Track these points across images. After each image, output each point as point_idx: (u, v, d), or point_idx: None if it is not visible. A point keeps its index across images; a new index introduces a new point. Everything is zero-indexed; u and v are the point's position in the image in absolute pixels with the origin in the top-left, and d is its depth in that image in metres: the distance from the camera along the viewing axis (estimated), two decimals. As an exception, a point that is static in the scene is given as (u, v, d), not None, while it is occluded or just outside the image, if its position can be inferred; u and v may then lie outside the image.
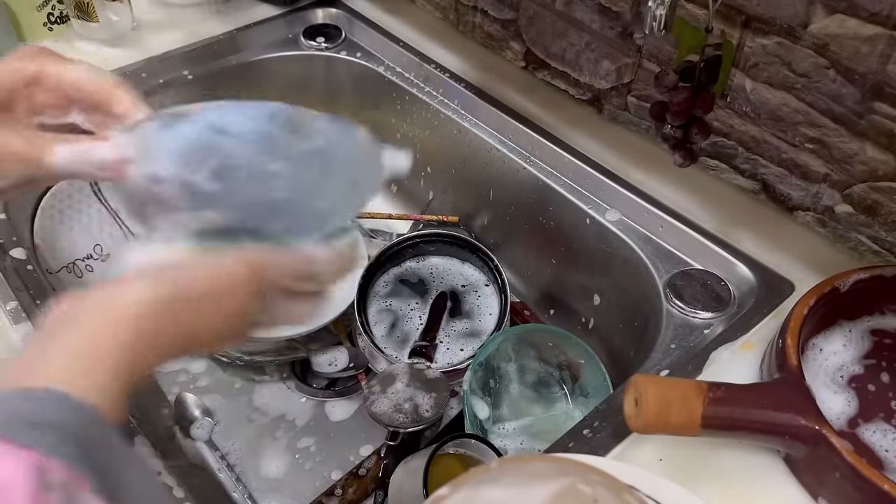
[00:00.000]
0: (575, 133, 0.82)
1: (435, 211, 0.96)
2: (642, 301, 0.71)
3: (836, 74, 0.60)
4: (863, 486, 0.46)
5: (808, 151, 0.66)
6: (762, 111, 0.67)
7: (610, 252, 0.75)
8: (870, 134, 0.60)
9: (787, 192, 0.70)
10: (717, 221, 0.71)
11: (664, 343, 0.63)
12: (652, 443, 0.54)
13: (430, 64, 0.91)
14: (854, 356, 0.58)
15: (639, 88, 0.78)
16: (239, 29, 0.96)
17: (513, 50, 0.90)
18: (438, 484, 0.59)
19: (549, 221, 0.82)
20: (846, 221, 0.66)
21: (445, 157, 0.93)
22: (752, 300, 0.65)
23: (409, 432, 0.70)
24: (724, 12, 0.64)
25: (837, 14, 0.57)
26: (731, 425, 0.49)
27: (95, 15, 0.91)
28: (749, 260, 0.67)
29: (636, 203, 0.74)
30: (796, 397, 0.50)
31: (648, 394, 0.48)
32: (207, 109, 0.40)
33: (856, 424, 0.55)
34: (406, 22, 0.99)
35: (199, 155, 0.39)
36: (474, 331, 0.82)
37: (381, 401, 0.71)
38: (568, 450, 0.54)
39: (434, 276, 0.87)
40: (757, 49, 0.64)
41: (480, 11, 0.92)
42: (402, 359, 0.78)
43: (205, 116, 0.40)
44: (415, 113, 0.94)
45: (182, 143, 0.39)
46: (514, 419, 0.74)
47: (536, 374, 0.77)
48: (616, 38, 0.76)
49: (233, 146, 0.39)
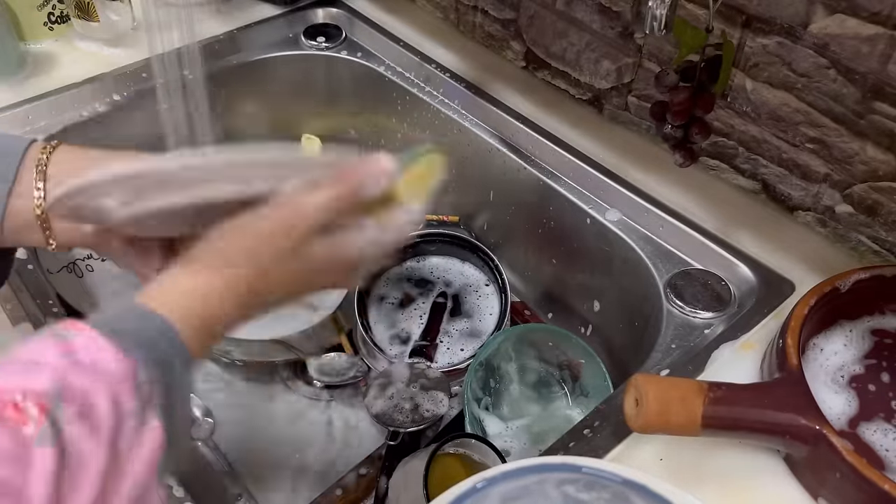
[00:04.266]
0: (575, 133, 0.81)
1: (435, 211, 0.96)
2: (643, 301, 0.71)
3: (836, 74, 0.60)
4: (863, 485, 0.46)
5: (808, 151, 0.66)
6: (762, 111, 0.67)
7: (610, 252, 0.75)
8: (870, 134, 0.60)
9: (787, 192, 0.70)
10: (718, 221, 0.71)
11: (664, 343, 0.63)
12: (652, 443, 0.54)
13: (431, 64, 0.91)
14: (854, 356, 0.58)
15: (639, 88, 0.78)
16: (239, 29, 0.96)
17: (513, 50, 0.90)
18: (438, 484, 0.59)
19: (549, 221, 0.82)
20: (846, 221, 0.66)
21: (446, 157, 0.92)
22: (753, 300, 0.65)
23: (409, 432, 0.70)
24: (725, 12, 0.64)
25: (838, 14, 0.57)
26: (731, 425, 0.49)
27: (96, 15, 0.91)
28: (749, 260, 0.67)
29: (636, 203, 0.74)
30: (797, 397, 0.50)
31: (649, 393, 0.48)
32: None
33: (856, 424, 0.55)
34: (406, 22, 0.99)
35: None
36: (474, 331, 0.82)
37: (382, 401, 0.71)
38: (568, 450, 0.54)
39: (434, 276, 0.87)
40: (757, 49, 0.64)
41: (481, 11, 0.92)
42: (403, 359, 0.78)
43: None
44: (415, 113, 0.94)
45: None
46: (515, 419, 0.74)
47: (537, 373, 0.77)
48: (616, 37, 0.76)
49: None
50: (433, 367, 0.75)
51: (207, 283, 0.42)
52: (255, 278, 0.43)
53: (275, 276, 0.43)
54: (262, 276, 0.43)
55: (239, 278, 0.42)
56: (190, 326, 0.40)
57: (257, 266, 0.43)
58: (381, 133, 1.01)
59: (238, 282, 0.42)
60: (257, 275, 0.43)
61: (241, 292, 0.43)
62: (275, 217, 0.43)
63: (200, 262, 0.43)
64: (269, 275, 0.43)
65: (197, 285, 0.41)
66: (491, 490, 0.39)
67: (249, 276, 0.43)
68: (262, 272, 0.43)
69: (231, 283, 0.42)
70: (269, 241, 0.43)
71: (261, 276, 0.43)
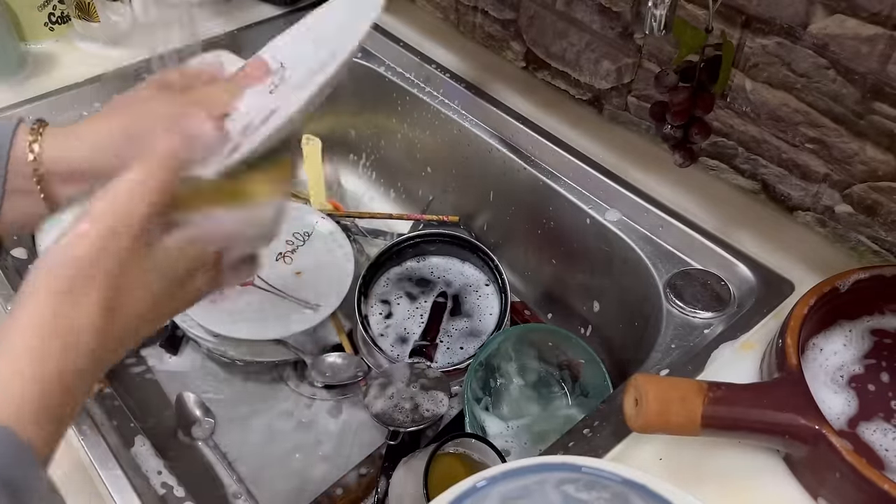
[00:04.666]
0: (575, 133, 0.82)
1: (435, 211, 0.96)
2: (642, 301, 0.71)
3: (836, 74, 0.60)
4: (863, 485, 0.46)
5: (808, 151, 0.66)
6: (762, 111, 0.67)
7: (610, 252, 0.75)
8: (870, 134, 0.60)
9: (787, 192, 0.70)
10: (717, 221, 0.71)
11: (664, 343, 0.64)
12: (652, 442, 0.54)
13: (431, 64, 0.91)
14: (854, 356, 0.58)
15: (639, 88, 0.78)
16: (240, 29, 0.96)
17: (513, 50, 0.90)
18: (438, 483, 0.59)
19: (549, 221, 0.82)
20: (846, 221, 0.66)
21: (446, 157, 0.93)
22: (752, 300, 0.65)
23: (409, 432, 0.70)
24: (724, 12, 0.64)
25: (837, 14, 0.57)
26: (731, 425, 0.49)
27: (96, 15, 0.91)
28: (749, 260, 0.67)
29: (636, 203, 0.74)
30: (796, 397, 0.50)
31: (649, 393, 0.48)
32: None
33: (856, 424, 0.55)
34: (406, 22, 0.99)
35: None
36: (474, 330, 0.82)
37: (382, 400, 0.71)
38: (568, 449, 0.54)
39: (434, 276, 0.87)
40: (757, 49, 0.64)
41: (481, 12, 0.92)
42: (403, 358, 0.78)
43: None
44: (415, 113, 0.94)
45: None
46: (515, 419, 0.74)
47: (536, 373, 0.77)
48: (616, 38, 0.76)
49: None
50: (433, 366, 0.75)
51: (33, 352, 0.33)
52: (100, 319, 0.34)
53: (126, 307, 0.36)
54: (108, 313, 0.35)
55: (78, 329, 0.34)
56: (29, 420, 0.31)
57: (92, 305, 0.34)
58: (381, 133, 1.01)
59: (79, 334, 0.34)
60: (102, 313, 0.34)
61: (87, 344, 0.34)
62: (92, 234, 0.35)
63: (15, 329, 0.33)
64: (118, 309, 0.35)
65: (19, 359, 0.32)
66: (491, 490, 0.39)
67: (93, 320, 0.34)
68: (105, 310, 0.35)
69: (69, 340, 0.33)
70: (93, 267, 0.34)
71: (106, 313, 0.35)
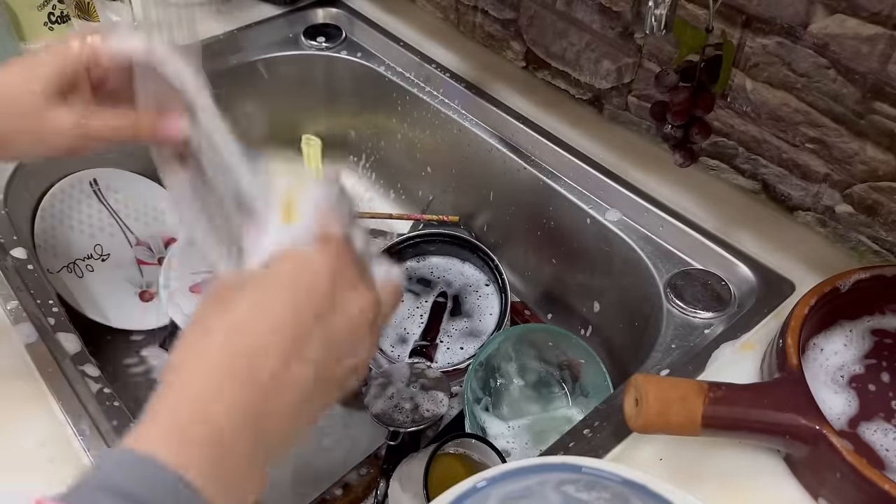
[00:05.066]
0: (575, 133, 0.81)
1: (435, 211, 0.96)
2: (643, 301, 0.71)
3: (836, 74, 0.60)
4: (863, 485, 0.46)
5: (808, 151, 0.66)
6: (762, 111, 0.67)
7: (610, 252, 0.75)
8: (870, 134, 0.60)
9: (787, 192, 0.70)
10: (718, 221, 0.71)
11: (664, 343, 0.63)
12: (652, 443, 0.54)
13: (431, 64, 0.91)
14: (855, 356, 0.58)
15: (639, 88, 0.78)
16: (239, 29, 0.96)
17: (513, 50, 0.90)
18: (438, 484, 0.59)
19: (549, 221, 0.82)
20: (846, 221, 0.66)
21: (446, 157, 0.93)
22: (753, 300, 0.65)
23: (409, 432, 0.70)
24: (725, 12, 0.64)
25: (837, 14, 0.57)
26: (731, 425, 0.49)
27: (96, 14, 0.91)
28: (749, 260, 0.67)
29: (636, 203, 0.74)
30: (797, 397, 0.50)
31: (649, 393, 0.48)
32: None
33: (856, 424, 0.55)
34: (406, 22, 0.99)
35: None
36: (474, 330, 0.82)
37: (382, 401, 0.71)
38: (568, 450, 0.54)
39: (434, 276, 0.87)
40: (757, 49, 0.64)
41: (481, 11, 0.92)
42: (403, 358, 0.78)
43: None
44: (415, 113, 0.94)
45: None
46: (515, 419, 0.74)
47: (537, 373, 0.77)
48: (616, 37, 0.76)
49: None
50: (433, 366, 0.75)
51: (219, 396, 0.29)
52: (279, 366, 0.31)
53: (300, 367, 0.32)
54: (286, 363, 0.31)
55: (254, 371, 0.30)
56: (211, 477, 0.28)
57: (285, 344, 0.31)
58: (380, 133, 1.01)
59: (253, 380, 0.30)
60: (282, 360, 0.31)
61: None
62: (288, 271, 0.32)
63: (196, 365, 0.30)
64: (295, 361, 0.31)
65: (205, 402, 0.29)
66: (491, 490, 0.39)
67: (271, 363, 0.30)
68: (288, 354, 0.31)
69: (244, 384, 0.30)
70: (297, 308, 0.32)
71: (285, 362, 0.31)
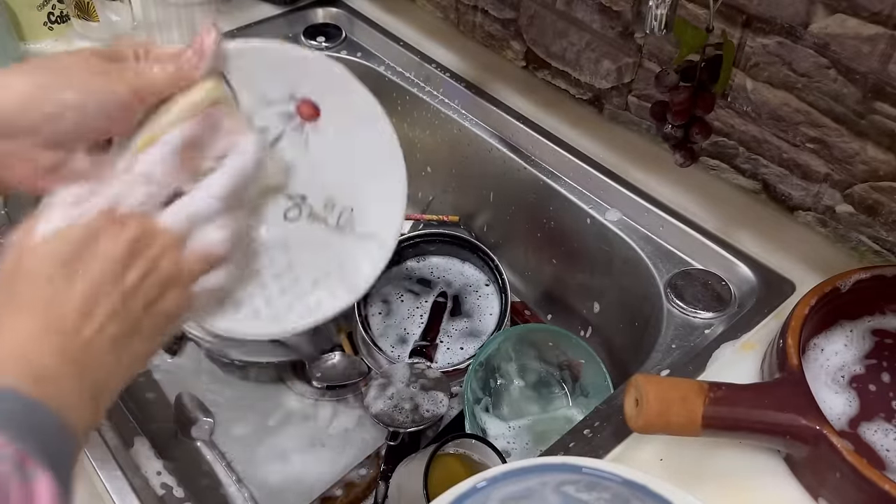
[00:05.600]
0: (575, 133, 0.81)
1: (435, 211, 0.96)
2: (643, 301, 0.71)
3: (836, 74, 0.60)
4: (863, 486, 0.46)
5: (808, 151, 0.66)
6: (763, 111, 0.67)
7: (610, 252, 0.75)
8: (871, 134, 0.60)
9: (787, 192, 0.70)
10: (718, 221, 0.71)
11: (665, 343, 0.63)
12: (652, 443, 0.54)
13: (431, 64, 0.91)
14: (855, 356, 0.58)
15: (639, 88, 0.78)
16: (240, 28, 0.96)
17: (513, 50, 0.90)
18: (438, 484, 0.59)
19: (549, 221, 0.82)
20: (847, 221, 0.66)
21: (446, 157, 0.93)
22: (753, 300, 0.65)
23: (409, 432, 0.70)
24: (725, 12, 0.64)
25: (838, 14, 0.57)
26: (731, 425, 0.49)
27: (96, 14, 0.91)
28: (750, 260, 0.67)
29: (637, 203, 0.74)
30: (797, 397, 0.50)
31: (649, 394, 0.48)
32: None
33: (857, 424, 0.55)
34: (406, 22, 0.99)
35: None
36: (474, 330, 0.82)
37: (381, 401, 0.71)
38: (569, 450, 0.54)
39: (434, 276, 0.87)
40: (758, 49, 0.64)
41: (481, 11, 0.92)
42: (403, 359, 0.78)
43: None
44: (415, 113, 0.94)
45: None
46: (515, 419, 0.74)
47: (537, 373, 0.77)
48: (617, 37, 0.76)
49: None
50: (433, 367, 0.75)
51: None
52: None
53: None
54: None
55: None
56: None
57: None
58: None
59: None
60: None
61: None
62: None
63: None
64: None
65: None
66: (491, 490, 0.39)
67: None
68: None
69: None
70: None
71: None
